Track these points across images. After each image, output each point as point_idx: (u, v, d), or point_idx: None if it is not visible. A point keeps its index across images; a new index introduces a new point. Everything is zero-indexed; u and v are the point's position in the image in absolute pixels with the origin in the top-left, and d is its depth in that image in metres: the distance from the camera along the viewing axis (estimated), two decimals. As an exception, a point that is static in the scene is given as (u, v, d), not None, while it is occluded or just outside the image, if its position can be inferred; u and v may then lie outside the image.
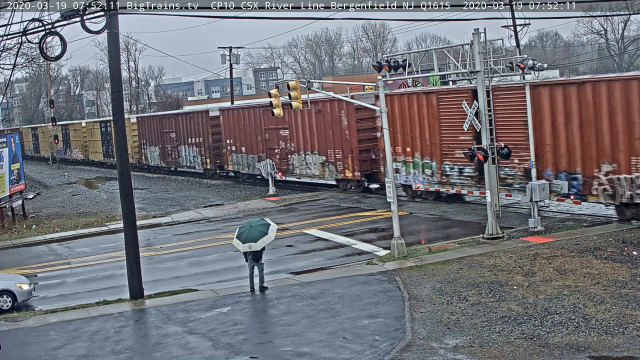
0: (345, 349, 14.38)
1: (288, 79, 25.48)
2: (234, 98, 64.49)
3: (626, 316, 14.67)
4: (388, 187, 22.17)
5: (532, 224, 23.21)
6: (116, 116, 20.40)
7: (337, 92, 33.42)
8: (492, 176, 23.00)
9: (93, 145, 66.97)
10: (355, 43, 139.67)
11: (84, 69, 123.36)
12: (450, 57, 24.38)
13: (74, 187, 51.12)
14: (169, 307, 18.78)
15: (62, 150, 74.43)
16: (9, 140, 35.11)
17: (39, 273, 24.62)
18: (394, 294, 17.84)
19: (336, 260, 22.83)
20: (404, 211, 28.30)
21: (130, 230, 20.39)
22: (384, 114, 22.37)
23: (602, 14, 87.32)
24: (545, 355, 13.20)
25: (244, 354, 14.78)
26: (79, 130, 71.13)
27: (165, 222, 32.68)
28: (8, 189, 34.20)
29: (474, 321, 15.28)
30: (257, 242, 19.11)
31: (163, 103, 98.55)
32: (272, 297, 18.72)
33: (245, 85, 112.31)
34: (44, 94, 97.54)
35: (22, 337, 17.32)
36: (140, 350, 15.81)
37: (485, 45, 22.57)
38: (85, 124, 71.66)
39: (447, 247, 22.32)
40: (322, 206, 33.06)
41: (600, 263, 18.55)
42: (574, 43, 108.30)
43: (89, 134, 68.46)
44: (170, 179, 50.92)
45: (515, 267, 18.98)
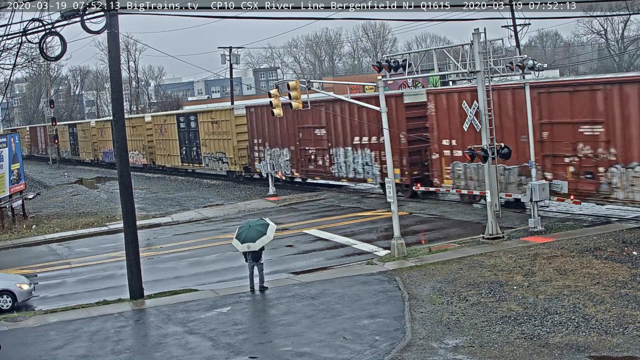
0: (345, 349, 14.37)
1: (288, 79, 25.48)
2: (234, 98, 64.49)
3: (626, 316, 14.67)
4: (388, 187, 22.18)
5: (532, 224, 23.21)
6: (116, 116, 20.40)
7: (337, 93, 33.17)
8: (492, 176, 22.99)
9: (165, 146, 52.67)
10: (355, 43, 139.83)
11: (84, 69, 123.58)
12: (450, 57, 24.37)
13: (73, 187, 51.12)
14: (169, 307, 18.78)
15: (109, 153, 60.19)
16: (9, 140, 35.12)
17: (39, 273, 24.62)
18: (394, 294, 17.84)
19: (336, 260, 22.83)
20: (404, 211, 28.30)
21: (130, 230, 20.40)
22: (384, 114, 22.37)
23: (602, 14, 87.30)
24: (545, 355, 13.19)
25: (244, 354, 14.78)
26: (138, 126, 56.88)
27: (165, 222, 32.68)
28: (8, 189, 34.21)
29: (474, 321, 15.28)
30: (256, 242, 19.12)
31: (163, 103, 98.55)
32: (272, 297, 18.72)
33: (245, 85, 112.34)
34: (44, 94, 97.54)
35: (22, 337, 17.32)
36: (140, 350, 15.81)
37: (485, 45, 22.57)
38: (151, 118, 56.99)
39: (447, 247, 22.32)
40: (322, 206, 33.06)
41: (600, 263, 18.55)
42: (574, 43, 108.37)
43: (156, 131, 53.79)
44: (170, 179, 50.80)
45: (515, 267, 18.98)
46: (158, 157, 54.00)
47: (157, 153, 54.19)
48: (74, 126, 75.20)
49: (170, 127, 51.05)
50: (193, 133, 47.94)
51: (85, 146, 70.31)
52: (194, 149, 48.15)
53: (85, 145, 70.26)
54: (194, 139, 47.95)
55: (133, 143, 56.12)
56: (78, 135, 72.24)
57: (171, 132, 50.90)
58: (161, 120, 53.52)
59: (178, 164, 50.79)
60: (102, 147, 64.64)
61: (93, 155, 67.53)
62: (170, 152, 51.60)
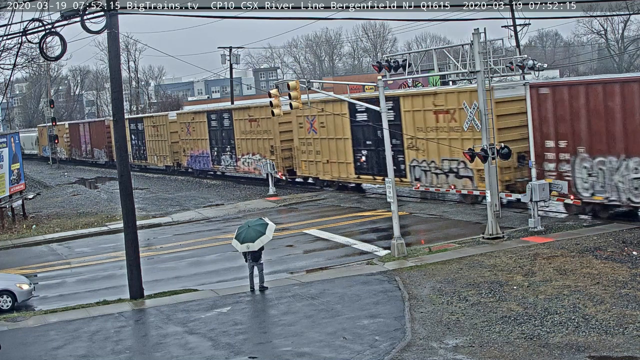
0: (345, 349, 14.37)
1: (288, 79, 25.48)
2: (234, 98, 64.49)
3: (626, 316, 14.67)
4: (388, 187, 22.18)
5: (532, 224, 23.21)
6: (116, 116, 20.41)
7: (337, 93, 32.95)
8: (492, 176, 22.99)
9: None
10: (355, 43, 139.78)
11: (84, 69, 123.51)
12: (450, 57, 24.38)
13: (73, 187, 51.10)
14: (169, 307, 18.78)
15: (202, 157, 47.78)
16: (9, 140, 35.12)
17: (39, 273, 24.63)
18: (394, 294, 17.83)
19: (336, 260, 22.83)
20: (404, 211, 28.29)
21: (130, 230, 20.40)
22: (384, 114, 22.37)
23: (602, 14, 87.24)
24: (545, 355, 13.19)
25: (243, 354, 14.78)
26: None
27: (165, 222, 32.68)
28: (8, 189, 34.21)
29: (474, 321, 15.27)
30: (255, 242, 19.13)
31: (163, 103, 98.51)
32: (272, 297, 18.72)
33: (245, 85, 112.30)
34: (44, 94, 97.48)
35: (22, 337, 17.32)
36: (140, 350, 15.81)
37: (485, 45, 22.59)
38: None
39: (447, 247, 22.32)
40: (322, 206, 33.04)
41: (600, 263, 18.55)
42: (574, 43, 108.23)
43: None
44: (170, 179, 50.68)
45: (515, 267, 18.97)
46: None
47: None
48: (138, 121, 57.11)
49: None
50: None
51: (157, 147, 53.95)
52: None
53: (157, 146, 54.04)
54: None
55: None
56: (146, 132, 55.14)
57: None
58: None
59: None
60: (188, 149, 49.39)
61: (172, 159, 52.15)
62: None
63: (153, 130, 52.91)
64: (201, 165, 47.39)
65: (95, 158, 66.73)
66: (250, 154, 41.45)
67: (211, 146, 45.65)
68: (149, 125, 54.48)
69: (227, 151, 44.07)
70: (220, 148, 44.84)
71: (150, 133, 53.88)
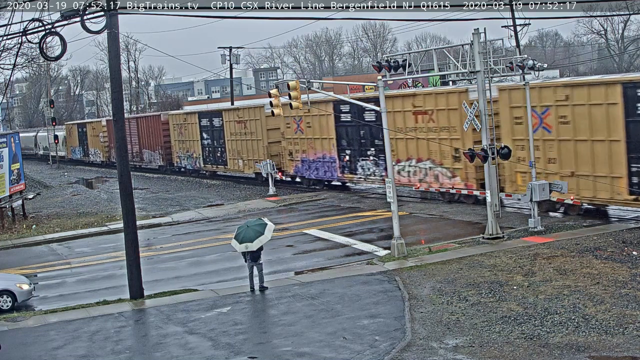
0: (345, 349, 14.37)
1: (288, 79, 25.47)
2: (234, 98, 64.49)
3: (626, 316, 14.67)
4: (388, 187, 22.18)
5: (532, 224, 23.20)
6: (116, 116, 20.40)
7: (337, 93, 32.95)
8: (492, 176, 22.99)
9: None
10: (355, 43, 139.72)
11: (84, 69, 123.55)
12: (450, 57, 24.37)
13: (74, 187, 51.10)
14: (169, 307, 18.78)
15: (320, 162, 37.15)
16: (9, 140, 35.12)
17: (39, 273, 24.63)
18: (394, 294, 17.83)
19: (336, 260, 22.83)
20: (404, 211, 28.29)
21: (130, 230, 20.40)
22: (384, 114, 22.37)
23: (602, 14, 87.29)
24: (545, 355, 13.19)
25: (243, 354, 14.78)
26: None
27: (165, 222, 32.68)
28: (8, 189, 34.21)
29: (474, 321, 15.27)
30: (254, 242, 19.13)
31: (163, 103, 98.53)
32: (272, 297, 18.72)
33: (245, 85, 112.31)
34: (44, 94, 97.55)
35: (22, 337, 17.31)
36: (140, 350, 15.81)
37: (485, 45, 22.57)
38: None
39: (447, 247, 22.32)
40: (322, 206, 33.05)
41: (600, 263, 18.55)
42: (574, 43, 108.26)
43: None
44: (170, 179, 50.68)
45: (515, 267, 18.97)
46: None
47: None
48: (211, 116, 45.61)
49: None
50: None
51: (242, 147, 42.39)
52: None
53: (239, 146, 42.71)
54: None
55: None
56: (226, 129, 43.60)
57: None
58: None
59: None
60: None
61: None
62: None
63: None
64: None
65: (146, 162, 54.36)
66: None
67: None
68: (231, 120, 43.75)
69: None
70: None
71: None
